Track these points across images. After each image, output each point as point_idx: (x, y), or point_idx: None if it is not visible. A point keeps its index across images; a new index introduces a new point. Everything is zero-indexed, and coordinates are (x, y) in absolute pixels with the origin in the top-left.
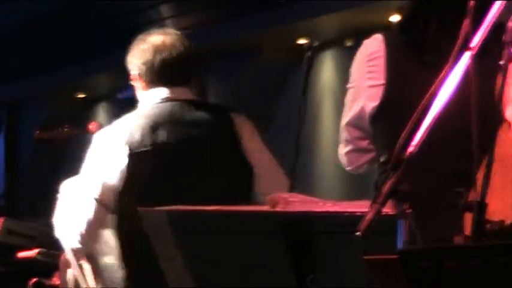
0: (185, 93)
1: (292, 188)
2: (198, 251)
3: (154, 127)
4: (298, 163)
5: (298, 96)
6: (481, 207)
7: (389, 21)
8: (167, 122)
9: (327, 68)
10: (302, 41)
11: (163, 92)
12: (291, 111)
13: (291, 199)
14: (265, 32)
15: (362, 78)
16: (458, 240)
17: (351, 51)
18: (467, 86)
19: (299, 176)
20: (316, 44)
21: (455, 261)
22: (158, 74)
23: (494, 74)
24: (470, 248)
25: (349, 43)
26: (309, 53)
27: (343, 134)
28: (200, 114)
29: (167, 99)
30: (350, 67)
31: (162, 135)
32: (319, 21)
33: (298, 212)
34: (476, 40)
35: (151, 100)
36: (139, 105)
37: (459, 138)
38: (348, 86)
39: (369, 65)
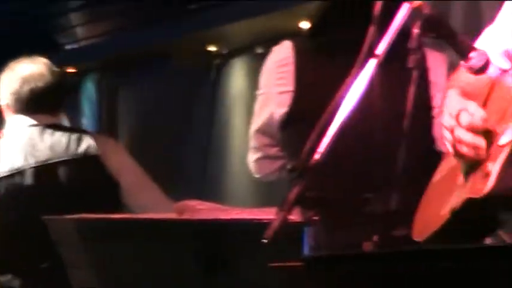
0: (47, 118)
1: (202, 195)
2: (107, 259)
3: (11, 153)
4: (208, 170)
5: (210, 102)
6: (387, 215)
7: (300, 28)
8: (24, 147)
9: (237, 75)
10: (212, 48)
11: (25, 119)
12: (202, 118)
13: (198, 206)
14: (176, 39)
15: (271, 85)
16: (367, 246)
17: (262, 58)
18: (373, 93)
19: (210, 183)
20: (225, 51)
21: (360, 268)
22: (26, 104)
23: (405, 80)
24: (375, 255)
25: (259, 50)
26: (217, 60)
27: (253, 141)
28: (58, 138)
29: (28, 126)
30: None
31: (18, 161)
32: (229, 28)
33: (205, 219)
34: (382, 47)
35: (14, 128)
36: (4, 133)
37: (366, 145)
38: (258, 92)
39: (278, 71)
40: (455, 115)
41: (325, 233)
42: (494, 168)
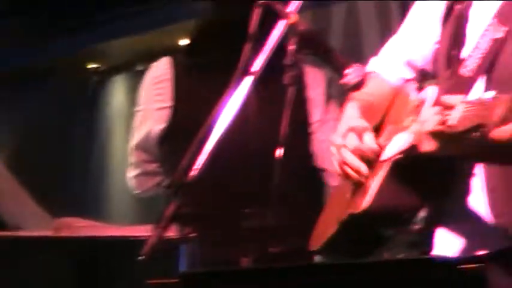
0: None
1: (82, 212)
2: None
3: None
4: (88, 186)
5: (90, 119)
6: (264, 230)
7: (179, 45)
8: None
9: (118, 92)
10: (92, 66)
11: None
12: (83, 135)
13: (76, 224)
14: (55, 57)
15: (149, 101)
16: (244, 262)
17: (142, 75)
18: (250, 109)
19: (90, 199)
20: (104, 68)
21: (237, 284)
22: None
23: (282, 96)
24: (252, 271)
25: (139, 67)
26: (97, 78)
27: (132, 158)
28: None
29: None
30: None
31: None
32: (109, 45)
33: (82, 236)
34: (258, 64)
35: None
36: None
37: (244, 160)
38: (136, 109)
39: (156, 87)
40: (343, 134)
41: (203, 249)
42: (373, 184)
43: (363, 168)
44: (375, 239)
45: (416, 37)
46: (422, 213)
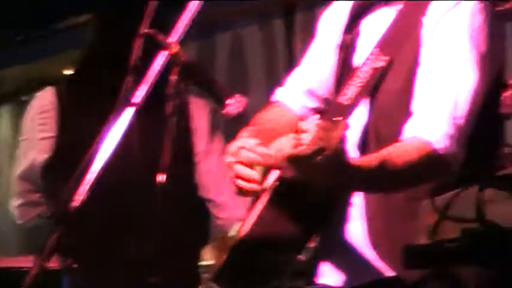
0: None
1: None
2: None
3: None
4: None
5: None
6: (146, 262)
7: (64, 75)
8: None
9: (2, 122)
10: None
11: None
12: None
13: None
14: None
15: (33, 131)
16: None
17: (27, 105)
18: (132, 140)
19: None
20: None
21: None
22: None
23: (164, 127)
24: None
25: (24, 97)
26: None
27: (15, 187)
28: None
29: None
30: None
31: None
32: None
33: None
34: (140, 94)
35: None
36: None
37: (126, 192)
38: (20, 138)
39: (40, 117)
40: (234, 153)
41: (85, 280)
42: (253, 211)
43: (255, 175)
44: (265, 267)
45: (315, 66)
46: (307, 243)
